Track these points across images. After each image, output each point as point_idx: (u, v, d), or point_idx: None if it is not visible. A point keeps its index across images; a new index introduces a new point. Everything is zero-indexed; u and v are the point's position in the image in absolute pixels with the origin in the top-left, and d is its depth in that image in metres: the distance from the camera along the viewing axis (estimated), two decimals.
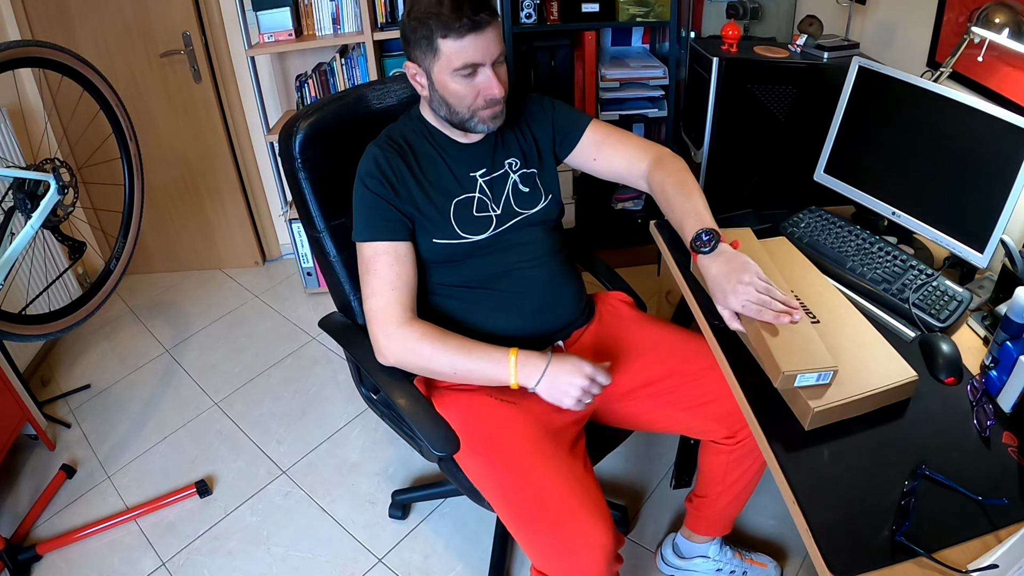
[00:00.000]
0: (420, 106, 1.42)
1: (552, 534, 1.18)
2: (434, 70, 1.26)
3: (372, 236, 1.32)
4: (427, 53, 1.25)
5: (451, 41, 1.22)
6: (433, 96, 1.31)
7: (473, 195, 1.39)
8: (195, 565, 1.85)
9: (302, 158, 1.43)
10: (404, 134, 1.39)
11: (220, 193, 3.03)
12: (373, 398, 1.61)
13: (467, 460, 1.33)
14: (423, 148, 1.39)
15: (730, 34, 1.98)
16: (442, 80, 1.27)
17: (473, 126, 1.33)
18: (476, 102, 1.29)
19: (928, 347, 1.24)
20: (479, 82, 1.27)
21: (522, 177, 1.44)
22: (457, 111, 1.30)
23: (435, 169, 1.38)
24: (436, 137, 1.39)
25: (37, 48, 1.72)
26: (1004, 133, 1.25)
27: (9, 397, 2.06)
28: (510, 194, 1.42)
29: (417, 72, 1.30)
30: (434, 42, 1.23)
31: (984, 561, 0.89)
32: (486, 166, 1.41)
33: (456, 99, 1.29)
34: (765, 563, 1.68)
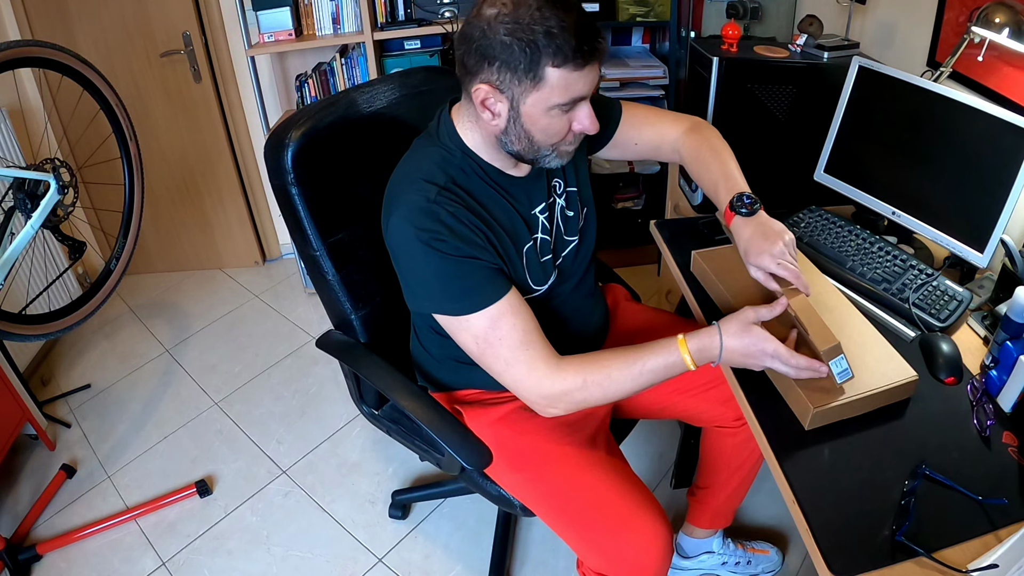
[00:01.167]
0: (458, 130, 1.15)
1: (613, 537, 1.18)
2: (527, 100, 1.03)
3: (477, 305, 1.08)
4: (523, 79, 1.01)
5: (564, 71, 0.99)
6: (511, 129, 1.07)
7: (538, 236, 1.21)
8: (195, 565, 1.85)
9: (295, 172, 1.30)
10: (453, 177, 1.12)
11: (220, 193, 3.03)
12: (375, 414, 1.56)
13: (506, 475, 1.31)
14: (483, 191, 1.14)
15: (730, 34, 1.98)
16: (533, 113, 1.04)
17: (546, 162, 1.13)
18: (566, 138, 1.10)
19: (928, 347, 1.23)
20: (575, 116, 1.07)
21: (567, 199, 1.28)
22: (539, 148, 1.09)
23: (505, 216, 1.16)
24: (491, 175, 1.16)
25: (37, 48, 1.72)
26: (1004, 133, 1.25)
27: (9, 397, 2.05)
28: (559, 224, 1.26)
29: (494, 99, 1.04)
30: (540, 69, 0.99)
31: (984, 561, 0.89)
32: (544, 199, 1.23)
33: (543, 135, 1.07)
34: (767, 549, 1.69)
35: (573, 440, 1.28)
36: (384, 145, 1.46)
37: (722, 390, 1.39)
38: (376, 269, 1.47)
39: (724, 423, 1.45)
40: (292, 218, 1.36)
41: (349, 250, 1.40)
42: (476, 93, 1.04)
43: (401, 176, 1.15)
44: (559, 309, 1.28)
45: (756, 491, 1.87)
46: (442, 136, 1.15)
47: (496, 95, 1.04)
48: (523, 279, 1.19)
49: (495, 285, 1.08)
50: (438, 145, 1.15)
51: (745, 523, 1.82)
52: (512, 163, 1.17)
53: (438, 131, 1.16)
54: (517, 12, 0.98)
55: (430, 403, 1.31)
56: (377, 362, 1.40)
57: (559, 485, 1.25)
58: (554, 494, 1.25)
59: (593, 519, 1.20)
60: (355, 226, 1.42)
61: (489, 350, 1.09)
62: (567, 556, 1.79)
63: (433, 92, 1.53)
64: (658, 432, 2.11)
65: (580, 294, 1.34)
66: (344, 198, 1.39)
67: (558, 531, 1.27)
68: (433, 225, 1.06)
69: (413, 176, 1.12)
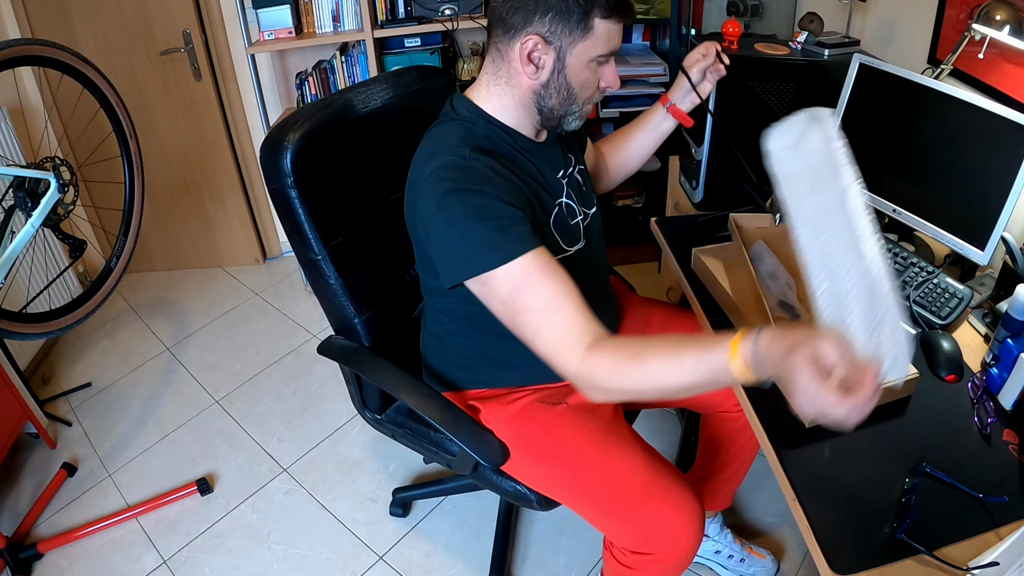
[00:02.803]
0: (476, 102, 1.16)
1: (648, 513, 1.19)
2: (574, 51, 1.07)
3: (504, 257, 1.01)
4: (574, 29, 1.05)
5: (609, 23, 1.06)
6: (552, 81, 1.10)
7: (562, 200, 1.23)
8: (196, 563, 1.85)
9: (294, 175, 1.28)
10: (478, 144, 1.12)
11: (220, 191, 3.03)
12: (379, 418, 1.55)
13: (530, 468, 1.31)
14: (511, 154, 1.16)
15: (730, 31, 1.97)
16: (576, 65, 1.09)
17: (569, 122, 1.17)
18: (592, 95, 1.15)
19: (929, 344, 1.23)
20: (604, 72, 1.13)
21: (579, 173, 1.32)
22: (573, 102, 1.14)
23: (533, 176, 1.18)
24: (517, 141, 1.18)
25: (37, 47, 1.72)
26: (1005, 130, 1.24)
27: (10, 395, 2.06)
28: (581, 192, 1.30)
29: (543, 49, 1.07)
30: (590, 19, 1.05)
31: (985, 559, 0.89)
32: (562, 165, 1.27)
33: (580, 88, 1.12)
34: (763, 554, 1.69)
35: (595, 425, 1.28)
36: (381, 145, 1.47)
37: None
38: (378, 271, 1.47)
39: (726, 408, 1.47)
40: (291, 222, 1.34)
41: (350, 253, 1.40)
42: (523, 46, 1.07)
43: (424, 155, 1.13)
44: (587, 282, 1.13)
45: (757, 489, 1.87)
46: (460, 112, 1.17)
47: (544, 46, 1.07)
48: (553, 238, 1.19)
49: (524, 238, 1.03)
50: (456, 120, 1.17)
51: (745, 521, 1.82)
52: (535, 130, 1.20)
53: (454, 110, 1.18)
54: None
55: (443, 403, 1.31)
56: (384, 365, 1.39)
57: (589, 470, 1.25)
58: (584, 480, 1.25)
59: (626, 498, 1.21)
60: (355, 228, 1.41)
61: (517, 317, 1.03)
62: (568, 553, 1.79)
63: (427, 91, 1.54)
64: (659, 429, 2.11)
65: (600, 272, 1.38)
66: (343, 200, 1.39)
67: (588, 516, 1.28)
68: (474, 176, 1.05)
69: (438, 150, 1.10)
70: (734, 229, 1.43)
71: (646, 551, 1.19)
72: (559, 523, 1.86)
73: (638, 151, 1.50)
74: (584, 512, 1.28)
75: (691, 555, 1.19)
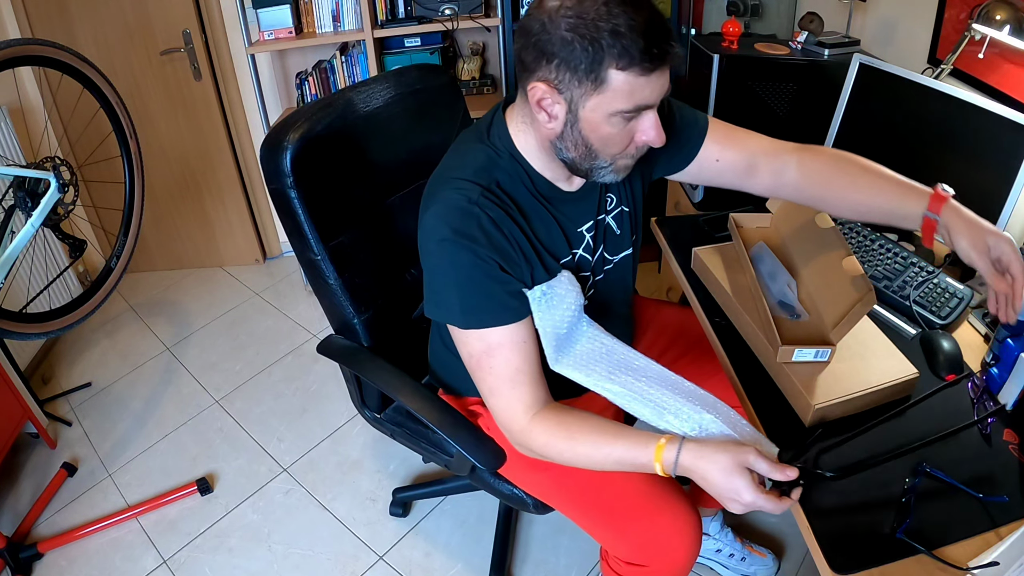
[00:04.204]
0: (511, 134, 1.06)
1: (645, 524, 1.18)
2: (587, 104, 0.93)
3: (481, 323, 1.02)
4: (583, 80, 0.91)
5: (629, 76, 0.90)
6: (568, 134, 0.98)
7: (578, 252, 1.14)
8: (196, 563, 1.85)
9: (294, 175, 1.27)
10: (498, 180, 1.04)
11: (220, 191, 3.03)
12: (378, 417, 1.55)
13: (527, 475, 1.31)
14: (527, 202, 1.07)
15: (731, 31, 1.98)
16: (592, 119, 0.94)
17: (601, 175, 1.03)
18: (627, 149, 1.00)
19: (929, 344, 1.24)
20: (639, 126, 0.97)
21: (615, 217, 1.20)
22: (597, 157, 1.00)
23: (546, 230, 1.09)
24: (539, 187, 1.08)
25: (37, 46, 1.72)
26: (1005, 130, 1.25)
27: (10, 395, 2.06)
28: (604, 242, 1.19)
29: (552, 99, 0.95)
30: (603, 71, 0.89)
31: (985, 558, 0.89)
32: (592, 216, 1.15)
33: (602, 144, 0.98)
34: (764, 553, 1.69)
35: None
36: (382, 145, 1.46)
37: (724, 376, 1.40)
38: (377, 271, 1.47)
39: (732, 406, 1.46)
40: (291, 222, 1.33)
41: (350, 253, 1.39)
42: (532, 92, 0.95)
43: (443, 173, 1.08)
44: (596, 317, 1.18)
45: None
46: (492, 136, 1.07)
47: (553, 95, 0.94)
48: None
49: (508, 309, 1.03)
50: (486, 144, 1.07)
51: (745, 520, 1.82)
52: (565, 175, 1.09)
53: (489, 130, 1.08)
54: (582, 6, 0.88)
55: (441, 405, 1.31)
56: (383, 365, 1.39)
57: (586, 480, 1.24)
58: (582, 489, 1.25)
59: (623, 509, 1.20)
60: (355, 229, 1.41)
61: (478, 372, 1.06)
62: (568, 554, 1.79)
63: (428, 90, 1.53)
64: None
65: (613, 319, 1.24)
66: (343, 200, 1.38)
67: (585, 525, 1.27)
68: (470, 228, 1.00)
69: (455, 174, 1.05)
70: (734, 229, 1.43)
71: (641, 562, 1.18)
72: (559, 523, 1.86)
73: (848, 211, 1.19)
74: (580, 521, 1.27)
75: (687, 567, 1.18)
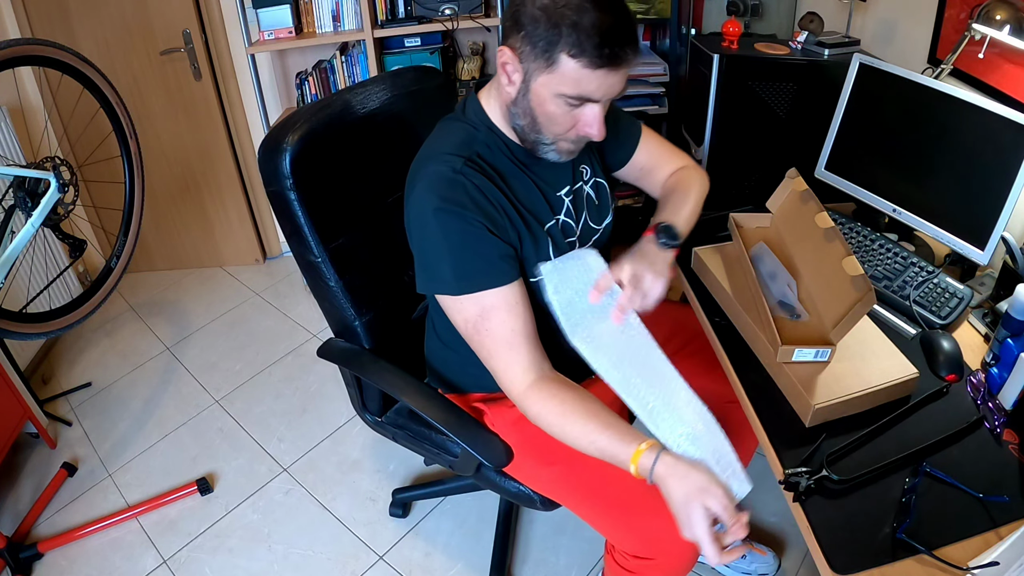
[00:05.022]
0: (483, 106, 1.15)
1: (651, 517, 1.18)
2: (537, 79, 1.02)
3: (475, 286, 1.07)
4: (539, 57, 1.00)
5: (577, 65, 0.98)
6: (520, 102, 1.07)
7: (560, 218, 1.20)
8: (196, 563, 1.85)
9: (293, 177, 1.27)
10: (476, 151, 1.12)
11: (220, 191, 3.03)
12: (379, 420, 1.54)
13: (534, 471, 1.31)
14: (507, 168, 1.14)
15: (731, 31, 1.98)
16: (541, 95, 1.03)
17: (545, 152, 1.12)
18: (568, 133, 1.08)
19: (929, 344, 1.24)
20: (582, 115, 1.05)
21: (593, 187, 1.27)
22: (540, 132, 1.08)
23: (528, 193, 1.15)
24: (516, 153, 1.15)
25: (37, 46, 1.72)
26: (1005, 130, 1.24)
27: (10, 395, 2.06)
28: (586, 209, 1.25)
29: (513, 66, 1.04)
30: (555, 53, 0.98)
31: (985, 558, 0.89)
32: (568, 181, 1.22)
33: (546, 120, 1.06)
34: (764, 551, 1.69)
35: None
36: (380, 146, 1.46)
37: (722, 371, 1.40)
38: (377, 273, 1.47)
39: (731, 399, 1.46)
40: (291, 224, 1.33)
41: (350, 255, 1.39)
42: (500, 54, 1.05)
43: (425, 153, 1.15)
44: None
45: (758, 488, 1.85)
46: (468, 113, 1.16)
47: (515, 63, 1.03)
48: (547, 258, 1.18)
49: (500, 271, 1.08)
50: (463, 122, 1.16)
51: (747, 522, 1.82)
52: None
53: (464, 109, 1.17)
54: None
55: (446, 404, 1.30)
56: (386, 367, 1.39)
57: (592, 474, 1.24)
58: (588, 483, 1.25)
59: (630, 503, 1.20)
60: (354, 230, 1.41)
61: (476, 337, 1.11)
62: (568, 553, 1.79)
63: (424, 91, 1.53)
64: None
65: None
66: (342, 202, 1.38)
67: (590, 519, 1.27)
68: (457, 195, 1.06)
69: (437, 151, 1.12)
70: (734, 229, 1.43)
71: (647, 556, 1.19)
72: (559, 523, 1.86)
73: None
74: (586, 516, 1.28)
75: (692, 561, 1.18)
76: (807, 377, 1.12)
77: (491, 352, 1.10)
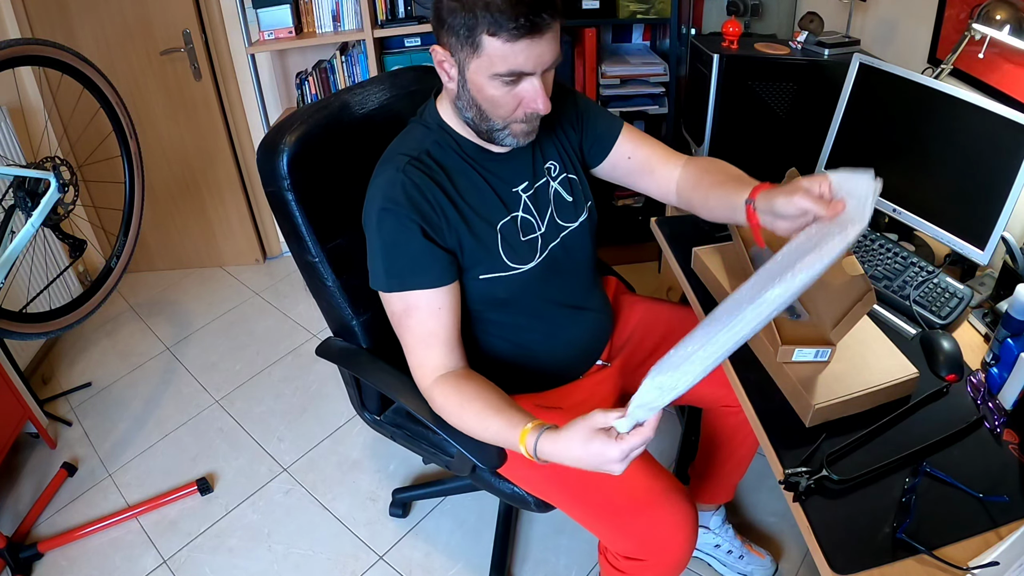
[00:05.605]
0: (437, 107, 1.19)
1: (643, 519, 1.19)
2: (470, 67, 1.05)
3: (401, 285, 1.12)
4: (464, 45, 1.03)
5: (498, 42, 1.00)
6: (462, 95, 1.10)
7: (517, 215, 1.21)
8: (196, 563, 1.85)
9: (291, 177, 1.28)
10: (427, 149, 1.15)
11: (220, 191, 3.03)
12: (378, 419, 1.54)
13: (527, 472, 1.31)
14: (456, 165, 1.17)
15: (731, 31, 1.98)
16: (477, 81, 1.06)
17: (501, 139, 1.14)
18: (515, 113, 1.09)
19: (929, 344, 1.24)
20: (522, 92, 1.07)
21: (563, 183, 1.28)
22: (489, 119, 1.11)
23: (476, 191, 1.17)
24: (467, 150, 1.18)
25: (37, 46, 1.72)
26: (1005, 130, 1.24)
27: (10, 395, 2.06)
28: (553, 206, 1.26)
29: (448, 62, 1.07)
30: (476, 36, 1.01)
31: (985, 558, 0.89)
32: (528, 178, 1.23)
33: (490, 105, 1.08)
34: (763, 554, 1.69)
35: None
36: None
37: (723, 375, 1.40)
38: None
39: (727, 403, 1.47)
40: (289, 224, 1.33)
41: (348, 255, 1.39)
42: (433, 54, 1.09)
43: (384, 155, 1.20)
44: (553, 296, 1.29)
45: (757, 488, 1.87)
46: (424, 115, 1.21)
47: (448, 58, 1.07)
48: (496, 255, 1.19)
49: (427, 274, 1.12)
50: (419, 122, 1.21)
51: (745, 520, 1.82)
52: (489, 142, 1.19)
53: (423, 112, 1.22)
54: None
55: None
56: (383, 367, 1.39)
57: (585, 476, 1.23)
58: (580, 485, 1.25)
59: (622, 505, 1.21)
60: (352, 230, 1.39)
61: (399, 329, 1.17)
62: (568, 553, 1.79)
63: (423, 92, 1.51)
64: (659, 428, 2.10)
65: (578, 285, 1.34)
66: (340, 202, 1.37)
67: (584, 521, 1.28)
68: (396, 194, 1.11)
69: (393, 152, 1.18)
70: (734, 229, 1.42)
71: (639, 557, 1.19)
72: (559, 523, 1.86)
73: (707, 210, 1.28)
74: (579, 517, 1.28)
75: (684, 561, 1.19)
76: (807, 377, 1.12)
77: (408, 346, 1.17)
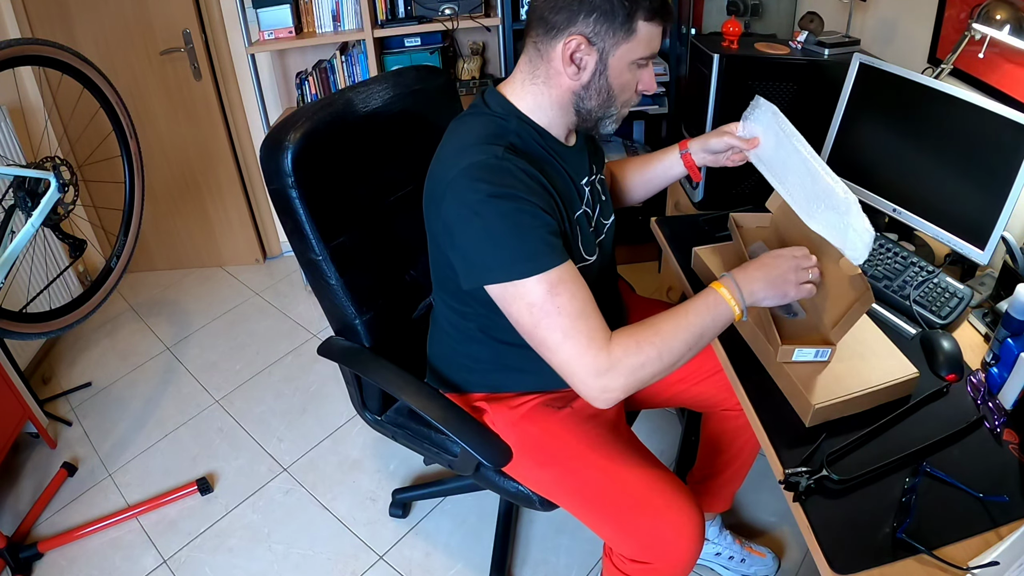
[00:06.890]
0: (510, 99, 1.14)
1: (650, 521, 1.19)
2: (616, 53, 1.07)
3: (543, 265, 1.02)
4: (618, 31, 1.04)
5: (653, 25, 1.06)
6: (593, 83, 1.09)
7: (584, 208, 1.21)
8: (196, 563, 1.85)
9: (295, 175, 1.27)
10: (511, 141, 1.10)
11: (220, 190, 3.03)
12: (379, 419, 1.54)
13: (532, 472, 1.31)
14: (541, 156, 1.14)
15: (731, 31, 1.97)
16: (619, 67, 1.08)
17: (605, 125, 1.16)
18: (630, 98, 1.15)
19: (929, 344, 1.24)
20: (644, 75, 1.12)
21: (600, 183, 1.30)
22: (613, 103, 1.13)
23: (561, 180, 1.15)
24: (548, 141, 1.16)
25: (37, 46, 1.72)
26: (1005, 130, 1.24)
27: (10, 395, 2.06)
28: (599, 203, 1.28)
29: (585, 50, 1.06)
30: (634, 21, 1.04)
31: (985, 558, 0.89)
32: (587, 172, 1.25)
33: (620, 90, 1.11)
34: (763, 553, 1.69)
35: (598, 431, 1.28)
36: (382, 145, 1.46)
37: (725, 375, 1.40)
38: (378, 271, 1.47)
39: (727, 407, 1.47)
40: (292, 222, 1.33)
41: (351, 253, 1.39)
42: (567, 46, 1.06)
43: (452, 150, 1.11)
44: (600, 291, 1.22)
45: (757, 488, 1.87)
46: (492, 107, 1.14)
47: (587, 47, 1.06)
48: (577, 246, 1.17)
49: (559, 249, 1.05)
50: (488, 115, 1.14)
51: (745, 520, 1.82)
52: (565, 132, 1.18)
53: (485, 104, 1.16)
54: None
55: (445, 403, 1.30)
56: (386, 365, 1.38)
57: (591, 477, 1.25)
58: (586, 486, 1.25)
59: (628, 506, 1.21)
60: (355, 229, 1.41)
61: (546, 320, 1.02)
62: (568, 554, 1.79)
63: (427, 91, 1.53)
64: (659, 429, 2.11)
65: (610, 280, 1.38)
66: (344, 200, 1.38)
67: (589, 522, 1.27)
68: (506, 180, 1.03)
69: (468, 145, 1.08)
70: (734, 229, 1.43)
71: (645, 560, 1.19)
72: (559, 523, 1.86)
73: (643, 186, 1.50)
74: (584, 518, 1.28)
75: (690, 565, 1.18)
76: (807, 377, 1.12)
77: (566, 332, 1.02)
